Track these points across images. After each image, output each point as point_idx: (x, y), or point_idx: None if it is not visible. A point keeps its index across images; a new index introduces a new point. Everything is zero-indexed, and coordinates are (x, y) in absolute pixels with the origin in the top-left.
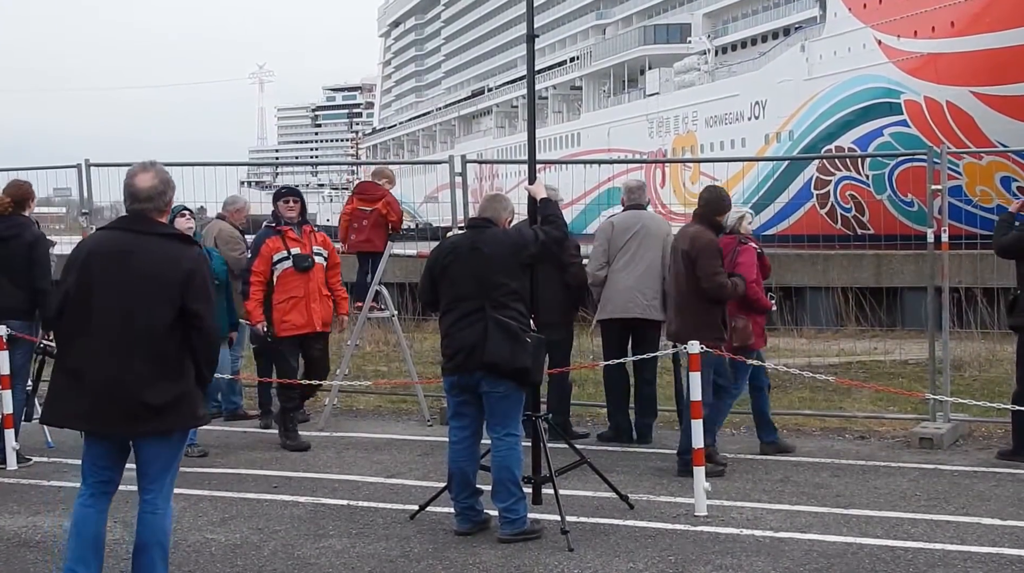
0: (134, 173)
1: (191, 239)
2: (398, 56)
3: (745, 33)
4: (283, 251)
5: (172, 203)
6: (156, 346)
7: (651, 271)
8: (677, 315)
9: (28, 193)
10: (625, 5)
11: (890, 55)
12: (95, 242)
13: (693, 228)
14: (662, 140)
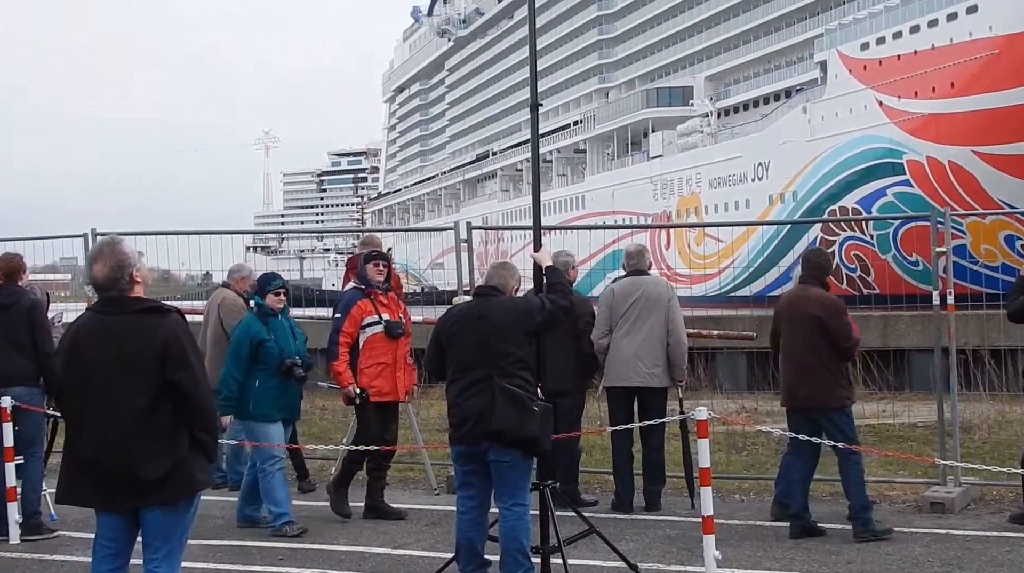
0: (91, 260)
1: (165, 309)
2: (403, 121)
3: (747, 95)
4: (374, 315)
5: (140, 272)
6: (146, 421)
7: (652, 337)
8: (806, 380)
9: (19, 265)
10: (627, 69)
11: (891, 116)
12: (80, 324)
13: (814, 291)
14: (666, 202)
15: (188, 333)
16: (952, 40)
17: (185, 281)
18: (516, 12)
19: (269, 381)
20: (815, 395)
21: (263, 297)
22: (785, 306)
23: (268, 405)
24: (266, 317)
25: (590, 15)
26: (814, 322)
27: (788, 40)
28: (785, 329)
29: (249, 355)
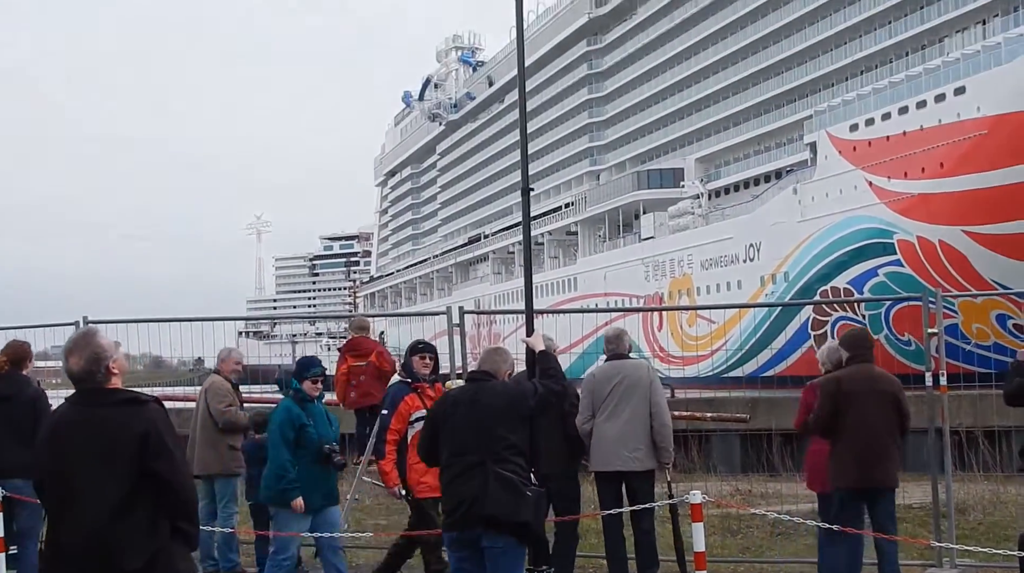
0: (66, 353)
1: (143, 399)
2: (395, 205)
3: (737, 177)
4: (422, 410)
5: (117, 364)
6: (127, 511)
7: (634, 421)
8: (883, 459)
9: (26, 353)
10: (618, 151)
11: (881, 196)
12: (59, 415)
13: (881, 369)
14: (658, 283)
15: (168, 423)
16: (941, 121)
17: (177, 367)
18: (507, 96)
19: (308, 468)
20: (890, 475)
21: (301, 382)
22: (862, 384)
23: (306, 491)
24: (303, 402)
25: (581, 98)
26: (893, 400)
27: (778, 122)
28: (859, 408)
29: (293, 439)
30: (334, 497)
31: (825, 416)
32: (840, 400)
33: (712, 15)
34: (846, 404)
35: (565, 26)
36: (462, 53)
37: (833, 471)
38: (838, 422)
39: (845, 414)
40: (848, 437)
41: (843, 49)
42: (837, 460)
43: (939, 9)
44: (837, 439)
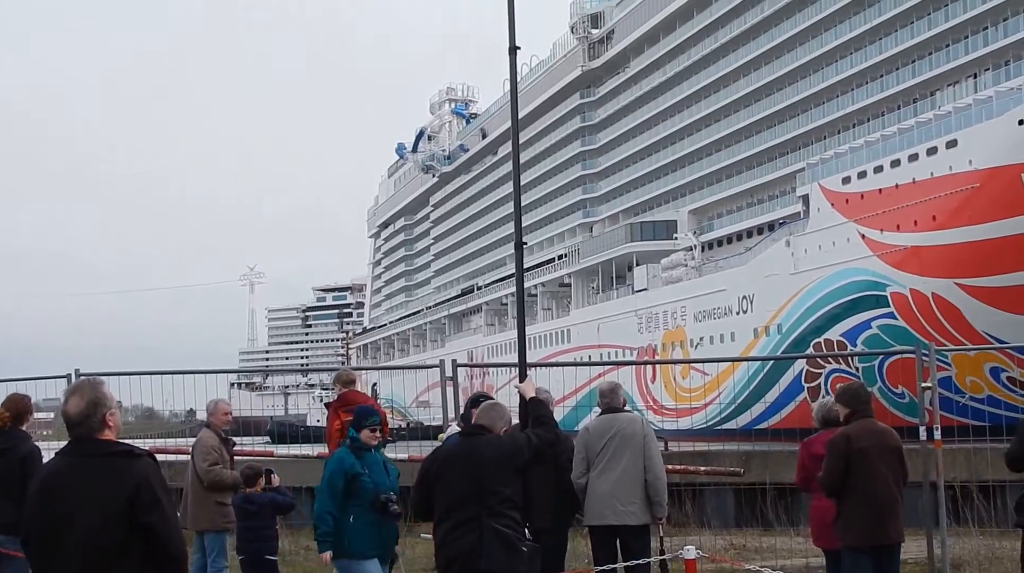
0: (68, 394)
1: (137, 453)
2: (388, 256)
3: (730, 229)
4: None
5: (113, 417)
6: (115, 563)
7: (627, 475)
8: (894, 515)
9: (27, 407)
10: (611, 203)
11: (874, 249)
12: (50, 469)
13: (882, 425)
14: (651, 335)
15: (160, 477)
16: (933, 174)
17: (169, 418)
18: (500, 148)
19: (364, 517)
20: (899, 530)
21: (359, 431)
22: (870, 440)
23: (364, 542)
24: (360, 451)
25: (574, 150)
26: (898, 455)
27: (770, 174)
28: (869, 465)
29: (343, 490)
30: (390, 548)
31: (837, 475)
32: (851, 458)
33: (703, 69)
34: (856, 462)
35: (558, 79)
36: (456, 105)
37: (844, 529)
38: (847, 480)
39: (855, 472)
40: (859, 495)
41: (835, 102)
42: (848, 518)
43: (931, 63)
44: (846, 497)
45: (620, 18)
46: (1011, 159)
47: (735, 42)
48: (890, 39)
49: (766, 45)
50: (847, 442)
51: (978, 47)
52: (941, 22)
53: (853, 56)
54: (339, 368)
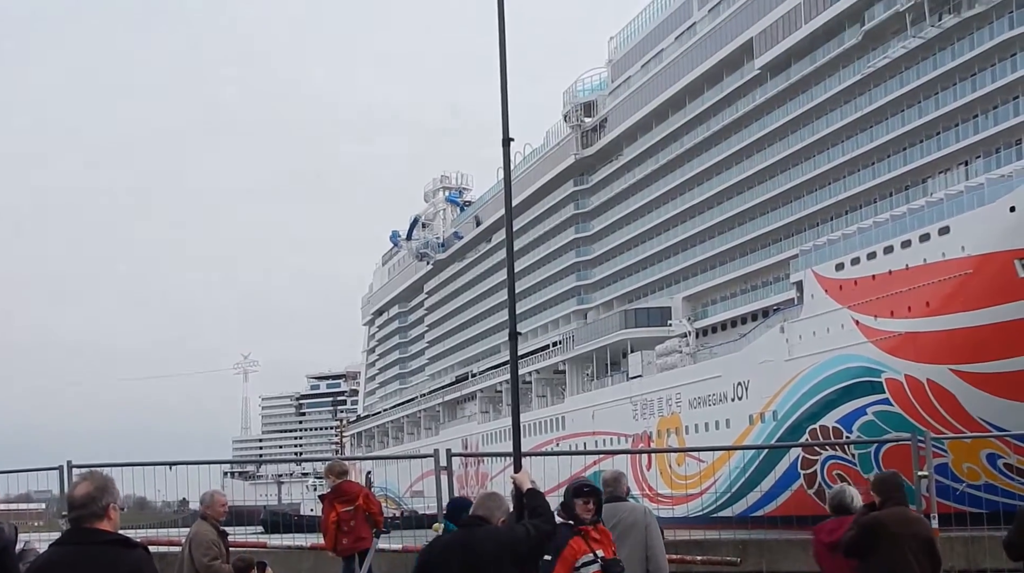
0: (74, 484)
1: (132, 544)
2: (382, 343)
3: (724, 315)
4: (589, 554)
5: (115, 510)
6: None
7: (630, 565)
8: None
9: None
10: (605, 290)
11: (868, 335)
12: (43, 560)
13: (914, 514)
14: (647, 422)
15: (153, 568)
16: (926, 260)
17: (161, 508)
18: (494, 235)
19: None
20: None
21: (456, 524)
22: (902, 527)
23: None
24: None
25: (568, 237)
26: (930, 545)
27: (764, 261)
28: (896, 550)
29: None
30: None
31: (860, 544)
32: (878, 539)
33: (696, 156)
34: (883, 546)
35: (552, 166)
36: (449, 193)
37: None
38: (871, 561)
39: (881, 556)
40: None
41: (828, 189)
42: None
43: (922, 150)
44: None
45: (613, 107)
46: (1003, 245)
47: (727, 130)
48: (881, 127)
49: (758, 133)
50: (877, 523)
51: (969, 135)
52: (932, 110)
53: (845, 143)
54: (332, 458)
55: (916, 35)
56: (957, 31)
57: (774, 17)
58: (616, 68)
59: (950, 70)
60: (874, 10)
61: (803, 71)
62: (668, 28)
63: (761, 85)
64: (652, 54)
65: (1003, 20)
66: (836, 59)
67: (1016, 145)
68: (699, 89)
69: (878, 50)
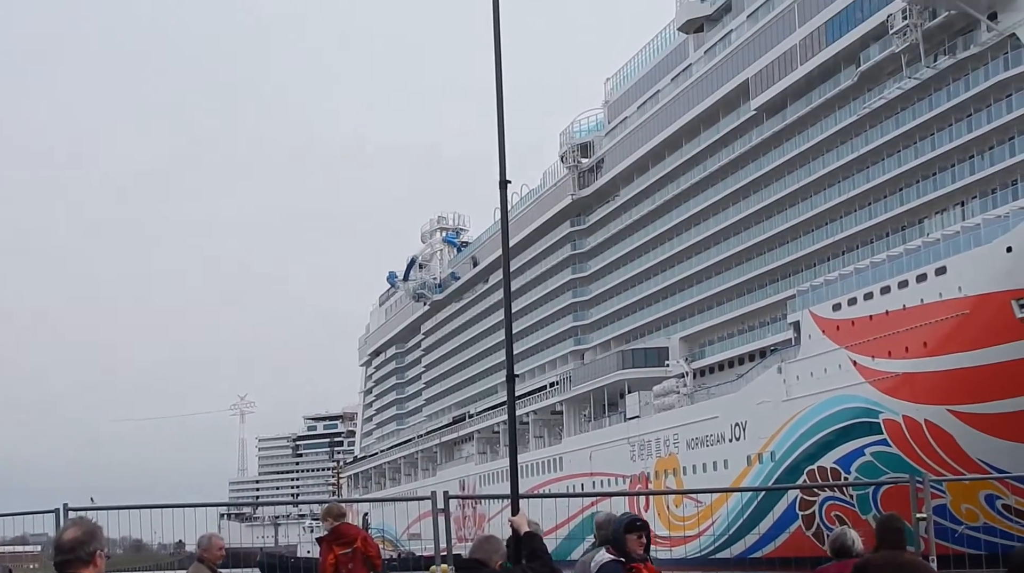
0: (63, 529)
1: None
2: (379, 384)
3: (722, 356)
4: None
5: (101, 557)
6: None
7: None
8: None
9: None
10: (602, 331)
11: (866, 375)
12: None
13: (908, 558)
14: (644, 463)
15: None
16: (923, 300)
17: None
18: (491, 276)
19: None
20: None
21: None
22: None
23: None
24: None
25: (565, 278)
26: None
27: (761, 301)
28: None
29: None
30: None
31: None
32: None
33: (693, 197)
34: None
35: (549, 207)
36: (447, 234)
37: None
38: None
39: None
40: None
41: (824, 230)
42: None
43: (918, 191)
44: None
45: (609, 147)
46: (1000, 286)
47: (724, 171)
48: (878, 167)
49: (754, 174)
50: (865, 568)
51: (965, 175)
52: (928, 151)
53: (841, 184)
54: (329, 500)
55: (911, 76)
56: (952, 72)
57: (770, 59)
58: (612, 109)
59: (946, 111)
60: (869, 51)
61: (799, 112)
62: (664, 69)
63: (757, 126)
64: (648, 95)
65: (998, 61)
66: (832, 100)
67: (1012, 185)
68: (695, 130)
69: (874, 91)
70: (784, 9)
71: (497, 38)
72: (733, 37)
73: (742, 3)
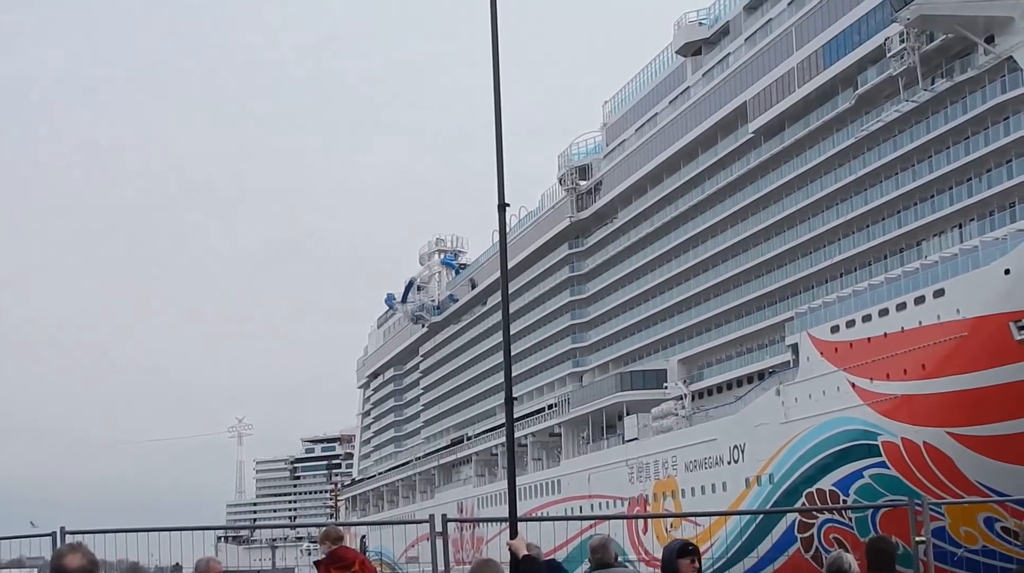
0: (62, 554)
1: None
2: (377, 407)
3: (720, 378)
4: None
5: None
6: None
7: None
8: None
9: None
10: (600, 353)
11: (864, 397)
12: None
13: None
14: (642, 485)
15: None
16: (921, 323)
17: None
18: (489, 298)
19: None
20: None
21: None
22: None
23: None
24: None
25: (563, 300)
26: None
27: (759, 323)
28: None
29: None
30: None
31: None
32: None
33: (691, 219)
34: None
35: (547, 229)
36: (445, 256)
37: None
38: None
39: None
40: None
41: (822, 252)
42: None
43: (916, 213)
44: None
45: (607, 170)
46: (999, 308)
47: (722, 193)
48: (875, 190)
49: (752, 196)
50: None
51: (963, 198)
52: (926, 173)
53: (839, 206)
54: (327, 523)
55: (909, 99)
56: (950, 95)
57: (767, 81)
58: (611, 132)
59: (943, 134)
60: (867, 74)
61: (797, 134)
62: (662, 92)
63: (755, 148)
64: (646, 118)
65: (995, 84)
66: (830, 123)
67: (1010, 208)
68: (693, 152)
69: (871, 114)
70: (781, 33)
71: (496, 69)
72: (731, 60)
73: (740, 26)
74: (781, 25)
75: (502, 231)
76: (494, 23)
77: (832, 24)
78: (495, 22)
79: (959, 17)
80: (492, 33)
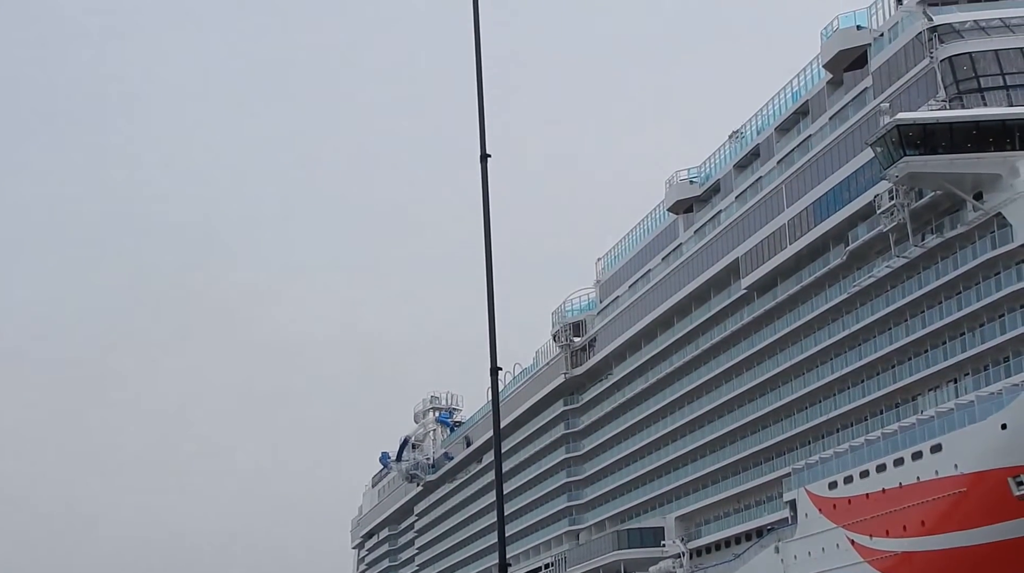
0: None
1: None
2: (372, 567)
3: (718, 535)
4: None
5: None
6: None
7: None
8: None
9: None
10: (597, 510)
11: (865, 555)
12: None
13: None
14: None
15: None
16: (919, 478)
17: None
18: (484, 456)
19: None
20: None
21: None
22: None
23: None
24: None
25: (558, 457)
26: None
27: (756, 479)
28: None
29: None
30: None
31: None
32: None
33: (686, 375)
34: None
35: (541, 386)
36: (440, 413)
37: None
38: None
39: None
40: None
41: (818, 407)
42: None
43: (911, 368)
44: None
45: (601, 326)
46: (996, 463)
47: (716, 349)
48: (869, 345)
49: (747, 351)
50: None
51: (957, 352)
52: (919, 328)
53: (834, 361)
54: None
55: (900, 255)
56: (941, 251)
57: (759, 238)
58: (604, 288)
59: (935, 289)
60: (857, 231)
61: (789, 290)
62: (655, 249)
63: (748, 304)
64: (639, 274)
65: (985, 240)
66: (822, 278)
67: (1004, 362)
68: (686, 308)
69: (863, 269)
70: (772, 190)
71: (487, 224)
72: (722, 217)
73: (730, 184)
74: (771, 183)
75: (495, 394)
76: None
77: (822, 182)
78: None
79: (947, 175)
80: (483, 192)
